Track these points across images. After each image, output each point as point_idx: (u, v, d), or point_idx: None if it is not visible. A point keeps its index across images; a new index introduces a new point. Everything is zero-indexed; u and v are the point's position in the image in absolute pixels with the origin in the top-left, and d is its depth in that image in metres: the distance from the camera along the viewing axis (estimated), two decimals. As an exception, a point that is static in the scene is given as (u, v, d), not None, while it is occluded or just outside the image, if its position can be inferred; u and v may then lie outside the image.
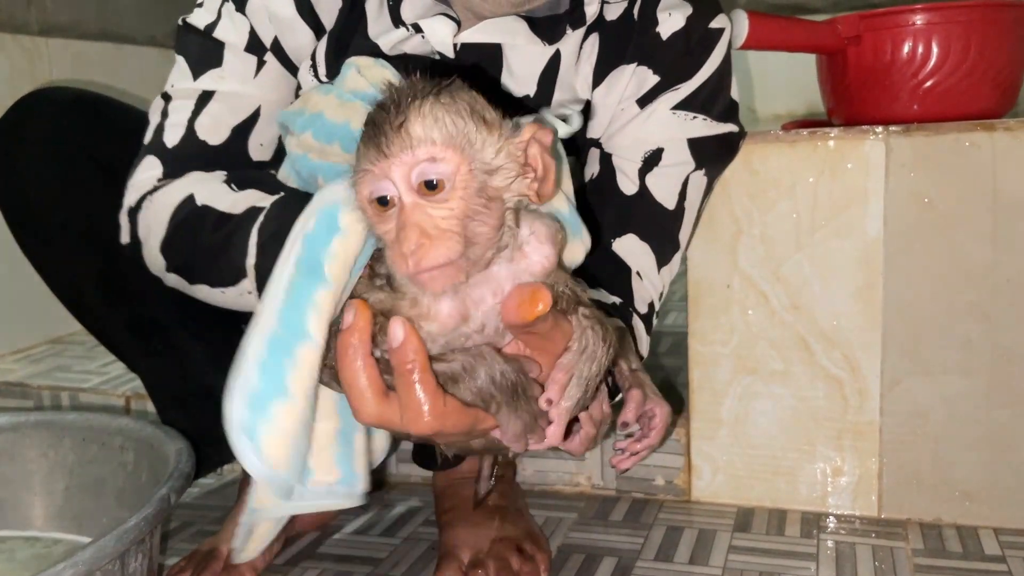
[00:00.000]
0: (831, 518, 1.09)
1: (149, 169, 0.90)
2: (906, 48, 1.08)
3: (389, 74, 0.83)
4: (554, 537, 1.06)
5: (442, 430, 0.61)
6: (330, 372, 0.64)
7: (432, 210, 0.56)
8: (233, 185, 0.86)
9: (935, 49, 1.08)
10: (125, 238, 0.91)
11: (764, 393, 1.10)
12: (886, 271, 1.03)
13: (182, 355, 1.02)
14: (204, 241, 0.83)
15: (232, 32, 0.89)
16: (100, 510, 1.01)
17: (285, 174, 0.86)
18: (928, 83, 1.09)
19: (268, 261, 0.78)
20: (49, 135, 0.97)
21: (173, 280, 0.89)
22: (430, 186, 0.56)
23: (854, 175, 1.03)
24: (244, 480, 1.09)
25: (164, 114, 0.91)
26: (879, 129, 1.02)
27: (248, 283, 0.82)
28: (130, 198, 0.90)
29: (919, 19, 1.08)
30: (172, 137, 0.90)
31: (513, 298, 0.60)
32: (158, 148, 0.90)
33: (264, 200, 0.82)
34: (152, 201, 0.88)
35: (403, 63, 0.87)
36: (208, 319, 1.00)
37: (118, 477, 0.99)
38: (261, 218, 0.80)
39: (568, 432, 0.68)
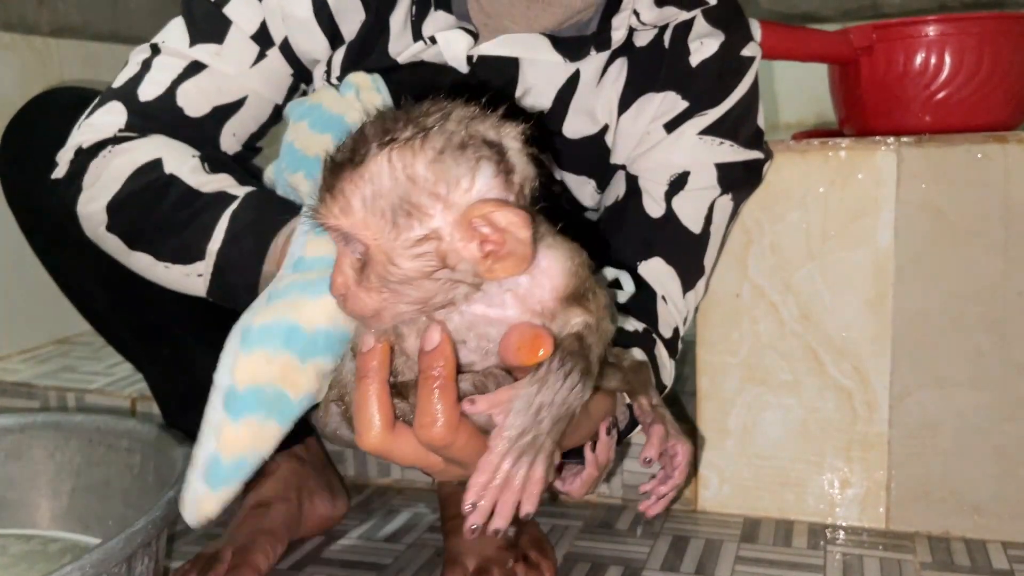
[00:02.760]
0: (838, 530, 1.08)
1: (112, 114, 0.86)
2: (919, 59, 1.08)
3: (379, 101, 0.80)
4: (560, 545, 1.05)
5: (451, 447, 0.58)
6: (338, 397, 0.64)
7: None
8: (206, 165, 0.82)
9: (948, 60, 1.08)
10: (60, 174, 0.85)
11: (773, 403, 1.09)
12: (897, 282, 1.03)
13: (188, 359, 1.02)
14: (164, 212, 0.79)
15: (243, 16, 0.87)
16: (106, 512, 1.01)
17: (270, 176, 0.84)
18: (940, 94, 1.09)
19: (234, 251, 0.76)
20: (59, 136, 0.97)
21: (110, 242, 0.83)
22: None
23: (865, 186, 1.02)
24: (249, 483, 1.08)
25: (146, 66, 0.87)
26: (891, 140, 1.01)
27: (202, 266, 0.78)
28: (84, 137, 0.85)
29: (932, 30, 1.08)
30: (148, 92, 0.86)
31: (513, 339, 0.56)
32: (128, 97, 0.86)
33: (236, 188, 0.79)
34: (113, 153, 0.83)
35: (417, 71, 0.87)
36: (215, 324, 1.00)
37: (124, 479, 0.99)
38: (235, 205, 0.77)
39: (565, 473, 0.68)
